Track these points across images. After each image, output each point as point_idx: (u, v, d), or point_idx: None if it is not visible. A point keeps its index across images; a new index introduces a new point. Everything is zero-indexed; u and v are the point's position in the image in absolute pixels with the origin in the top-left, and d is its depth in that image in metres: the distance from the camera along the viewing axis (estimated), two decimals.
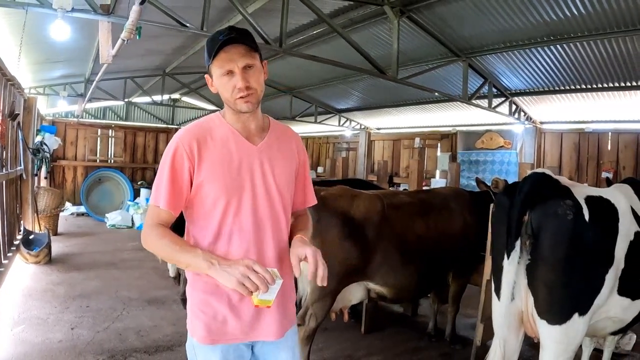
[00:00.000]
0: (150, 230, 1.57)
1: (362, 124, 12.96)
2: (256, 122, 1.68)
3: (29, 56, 7.07)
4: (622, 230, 2.52)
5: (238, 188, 1.58)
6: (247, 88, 1.54)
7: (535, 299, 2.40)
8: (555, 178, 2.54)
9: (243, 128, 1.65)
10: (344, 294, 3.35)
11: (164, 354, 3.76)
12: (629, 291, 2.58)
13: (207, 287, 1.61)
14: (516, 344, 2.58)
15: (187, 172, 1.56)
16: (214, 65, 1.56)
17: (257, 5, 5.23)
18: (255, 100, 1.59)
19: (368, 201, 3.36)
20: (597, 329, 2.72)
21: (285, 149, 1.73)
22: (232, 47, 1.53)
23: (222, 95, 1.61)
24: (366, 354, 4.00)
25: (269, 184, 1.64)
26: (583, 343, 3.56)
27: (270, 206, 1.64)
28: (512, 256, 2.36)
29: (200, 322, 1.62)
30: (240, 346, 1.66)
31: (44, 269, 6.06)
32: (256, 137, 1.67)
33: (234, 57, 1.53)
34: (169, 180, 1.56)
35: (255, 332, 1.65)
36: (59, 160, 11.80)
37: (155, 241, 1.56)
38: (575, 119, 8.72)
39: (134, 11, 3.08)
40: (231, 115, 1.65)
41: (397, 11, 5.43)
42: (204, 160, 1.57)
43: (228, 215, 1.58)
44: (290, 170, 1.73)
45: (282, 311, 1.69)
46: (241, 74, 1.54)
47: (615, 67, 6.26)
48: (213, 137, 1.61)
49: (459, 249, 3.85)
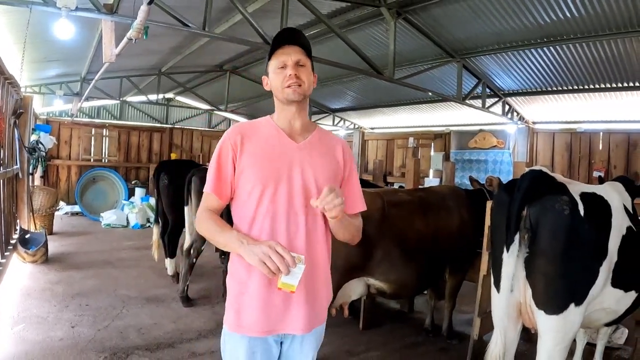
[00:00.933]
0: (200, 214, 1.73)
1: (356, 124, 13.04)
2: (301, 121, 1.78)
3: (26, 55, 7.05)
4: (615, 225, 2.61)
5: (275, 178, 1.67)
6: (297, 77, 1.68)
7: (533, 290, 2.47)
8: (552, 175, 2.63)
9: (288, 126, 1.77)
10: (344, 290, 3.41)
11: (166, 350, 3.79)
12: (621, 283, 2.67)
13: (241, 278, 1.70)
14: (515, 334, 2.66)
15: (231, 161, 1.70)
16: (272, 61, 1.74)
17: (257, 6, 5.28)
18: (302, 92, 1.71)
19: (369, 198, 3.38)
20: (592, 319, 2.79)
21: (327, 151, 1.80)
22: (288, 46, 1.72)
23: (274, 87, 1.75)
24: (365, 350, 4.06)
25: (307, 179, 1.71)
26: (577, 336, 3.63)
27: (305, 199, 1.69)
28: (512, 249, 2.45)
29: (232, 310, 1.71)
30: (268, 340, 1.71)
31: (41, 268, 6.06)
32: (299, 136, 1.77)
33: (289, 52, 1.71)
34: (216, 169, 1.71)
35: (282, 325, 1.69)
36: (53, 160, 11.76)
37: (203, 222, 1.71)
38: (567, 119, 8.86)
39: (142, 11, 3.12)
40: (278, 114, 1.79)
41: (393, 13, 5.51)
42: (246, 151, 1.70)
43: (263, 202, 1.68)
44: (331, 171, 1.78)
45: (311, 306, 1.72)
46: (293, 66, 1.70)
47: (607, 69, 6.38)
48: (257, 133, 1.75)
49: (456, 246, 3.93)
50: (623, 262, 2.62)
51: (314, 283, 1.73)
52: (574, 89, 7.34)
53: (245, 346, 1.68)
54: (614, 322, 3.04)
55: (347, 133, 13.49)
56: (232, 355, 1.72)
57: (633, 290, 2.79)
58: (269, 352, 1.72)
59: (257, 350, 1.69)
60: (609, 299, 2.67)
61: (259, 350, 1.70)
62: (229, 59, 9.26)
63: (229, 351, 1.73)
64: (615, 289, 2.65)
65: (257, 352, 1.69)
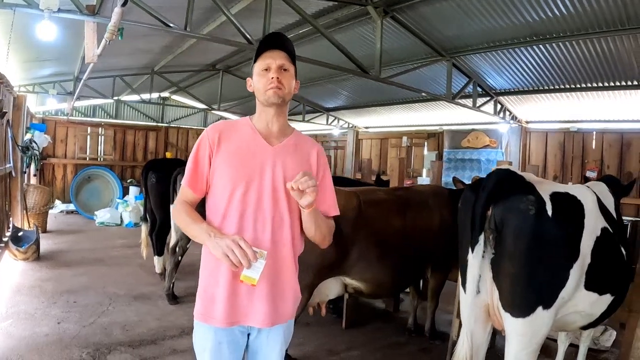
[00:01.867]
0: (176, 206, 1.84)
1: (350, 123, 13.04)
2: (279, 124, 1.84)
3: (18, 55, 7.08)
4: (588, 225, 2.56)
5: (246, 178, 1.74)
6: (279, 81, 1.75)
7: (500, 292, 2.44)
8: (520, 174, 2.59)
9: (265, 129, 1.83)
10: (320, 289, 3.42)
11: (148, 347, 3.83)
12: (596, 286, 2.61)
13: (210, 270, 1.77)
14: (484, 336, 2.62)
15: (208, 157, 1.78)
16: (257, 63, 1.81)
17: (242, 5, 5.28)
18: (283, 95, 1.77)
19: (344, 197, 3.40)
20: (567, 322, 2.76)
21: (302, 156, 1.85)
22: (274, 51, 1.79)
23: (256, 89, 1.81)
24: (346, 349, 4.08)
25: (276, 183, 1.76)
26: (559, 339, 3.62)
27: (274, 203, 1.76)
28: (476, 250, 2.42)
29: (201, 300, 1.79)
30: (234, 331, 1.79)
31: (32, 266, 6.11)
32: (275, 139, 1.83)
33: (274, 56, 1.77)
34: (193, 164, 1.80)
35: (246, 317, 1.76)
36: (49, 158, 11.82)
37: (178, 214, 1.80)
38: (560, 119, 8.83)
39: (116, 13, 3.17)
40: (258, 115, 1.86)
41: (380, 11, 5.50)
42: (222, 150, 1.78)
43: (233, 200, 1.74)
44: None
45: (273, 302, 1.78)
46: (276, 70, 1.76)
47: (599, 67, 6.34)
48: (235, 133, 1.82)
49: (436, 246, 3.91)
50: (597, 264, 2.56)
51: (278, 281, 1.79)
52: (567, 88, 7.31)
53: (212, 337, 1.76)
54: (591, 326, 2.98)
55: (341, 132, 13.50)
56: (201, 346, 1.80)
57: (608, 293, 2.73)
58: (235, 342, 1.80)
59: (223, 340, 1.77)
60: (583, 302, 2.62)
61: (225, 340, 1.77)
62: (222, 58, 9.27)
63: (198, 341, 1.82)
64: (589, 292, 2.60)
65: (224, 342, 1.77)
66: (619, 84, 6.71)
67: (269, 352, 1.85)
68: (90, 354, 3.61)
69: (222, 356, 1.78)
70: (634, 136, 8.05)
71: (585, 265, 2.53)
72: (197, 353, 1.84)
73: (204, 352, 1.79)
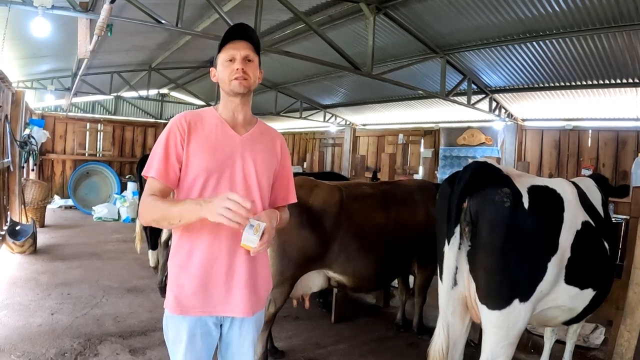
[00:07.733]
0: (144, 201, 1.70)
1: (347, 120, 13.05)
2: (244, 114, 1.87)
3: (15, 51, 7.14)
4: (567, 219, 2.55)
5: (218, 168, 1.75)
6: (244, 72, 1.76)
7: (477, 284, 2.46)
8: (497, 167, 2.60)
9: (231, 118, 1.85)
10: (303, 281, 3.45)
11: (138, 338, 3.90)
12: (576, 280, 2.61)
13: (181, 261, 1.76)
14: (462, 328, 2.64)
15: (180, 145, 1.74)
16: (221, 54, 1.80)
17: (234, 2, 5.31)
18: (248, 86, 1.79)
19: (327, 192, 3.44)
20: (548, 317, 2.76)
21: (267, 145, 1.89)
22: (239, 41, 1.79)
23: (220, 78, 1.82)
24: (333, 342, 4.13)
25: (247, 171, 1.79)
26: (545, 335, 3.63)
27: (247, 191, 1.77)
28: (452, 242, 2.45)
29: (172, 293, 1.77)
30: (208, 323, 1.78)
31: (29, 259, 6.19)
32: (242, 129, 1.85)
33: (239, 47, 1.78)
34: (163, 154, 1.73)
35: (224, 307, 1.76)
36: (48, 154, 11.89)
37: (149, 208, 1.69)
38: (556, 117, 8.84)
39: (104, 10, 3.23)
40: (223, 105, 1.86)
41: (373, 8, 5.51)
42: (192, 140, 1.75)
43: (206, 190, 1.74)
44: (270, 164, 1.88)
45: (253, 290, 1.80)
46: (241, 60, 1.77)
47: (593, 65, 6.32)
48: (203, 123, 1.80)
49: (421, 240, 3.91)
50: (577, 258, 2.56)
51: (253, 270, 1.80)
52: (562, 86, 7.28)
53: (186, 328, 1.74)
54: (574, 321, 2.98)
55: (339, 129, 13.51)
56: (175, 339, 1.78)
57: (590, 288, 2.73)
58: (208, 334, 1.79)
59: (197, 332, 1.76)
60: (563, 296, 2.61)
61: (199, 332, 1.76)
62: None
63: (172, 334, 1.79)
64: (569, 286, 2.59)
65: (197, 334, 1.76)
66: (614, 81, 6.68)
67: (242, 342, 1.85)
68: (81, 344, 3.69)
69: (195, 348, 1.76)
70: (630, 134, 8.04)
71: (564, 258, 2.53)
72: (170, 346, 1.80)
73: (178, 345, 1.76)
